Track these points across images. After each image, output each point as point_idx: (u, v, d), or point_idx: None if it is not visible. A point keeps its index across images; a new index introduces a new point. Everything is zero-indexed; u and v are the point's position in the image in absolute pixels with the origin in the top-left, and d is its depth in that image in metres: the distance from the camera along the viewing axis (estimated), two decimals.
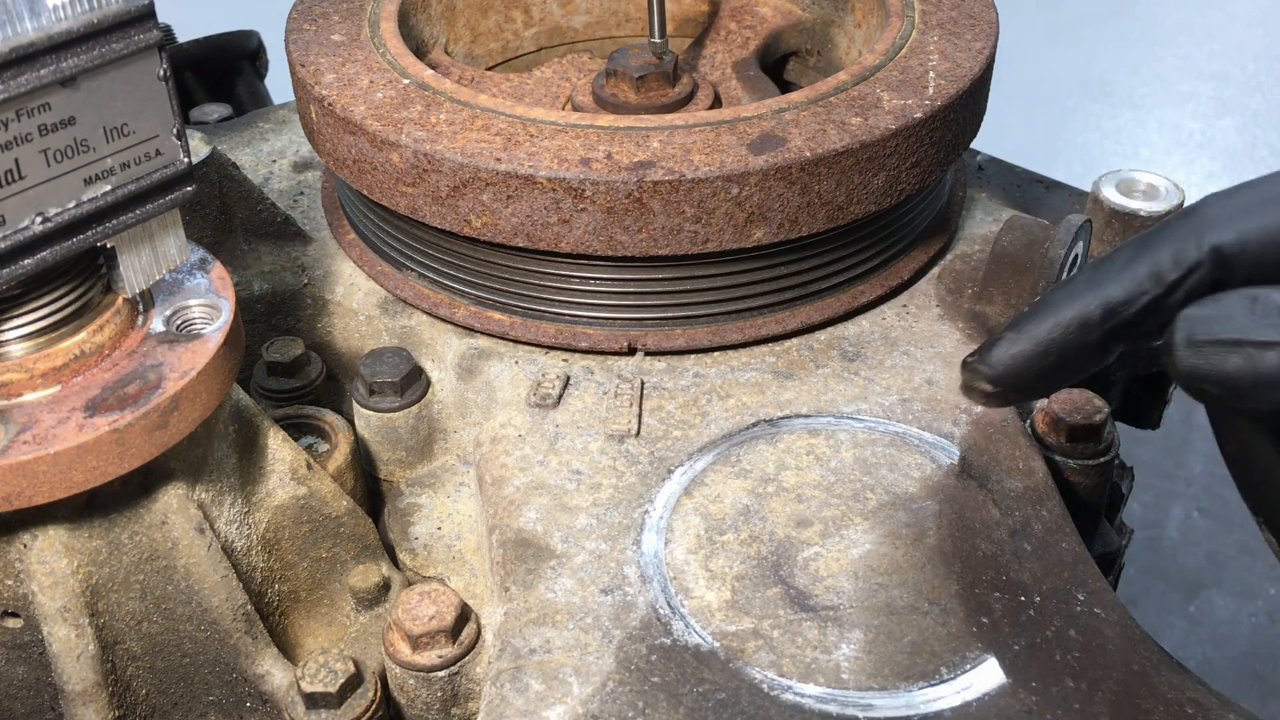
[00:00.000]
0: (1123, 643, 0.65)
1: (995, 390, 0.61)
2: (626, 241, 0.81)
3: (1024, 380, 0.60)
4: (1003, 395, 0.61)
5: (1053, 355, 0.59)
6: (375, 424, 0.86)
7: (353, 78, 0.89)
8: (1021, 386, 0.61)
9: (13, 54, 0.58)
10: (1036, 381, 0.60)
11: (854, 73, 0.88)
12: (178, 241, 0.70)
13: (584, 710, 0.63)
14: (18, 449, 0.62)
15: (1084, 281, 0.59)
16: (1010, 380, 0.60)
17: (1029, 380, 0.60)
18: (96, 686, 0.69)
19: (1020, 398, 0.62)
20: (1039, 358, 0.59)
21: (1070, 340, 0.58)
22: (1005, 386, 0.61)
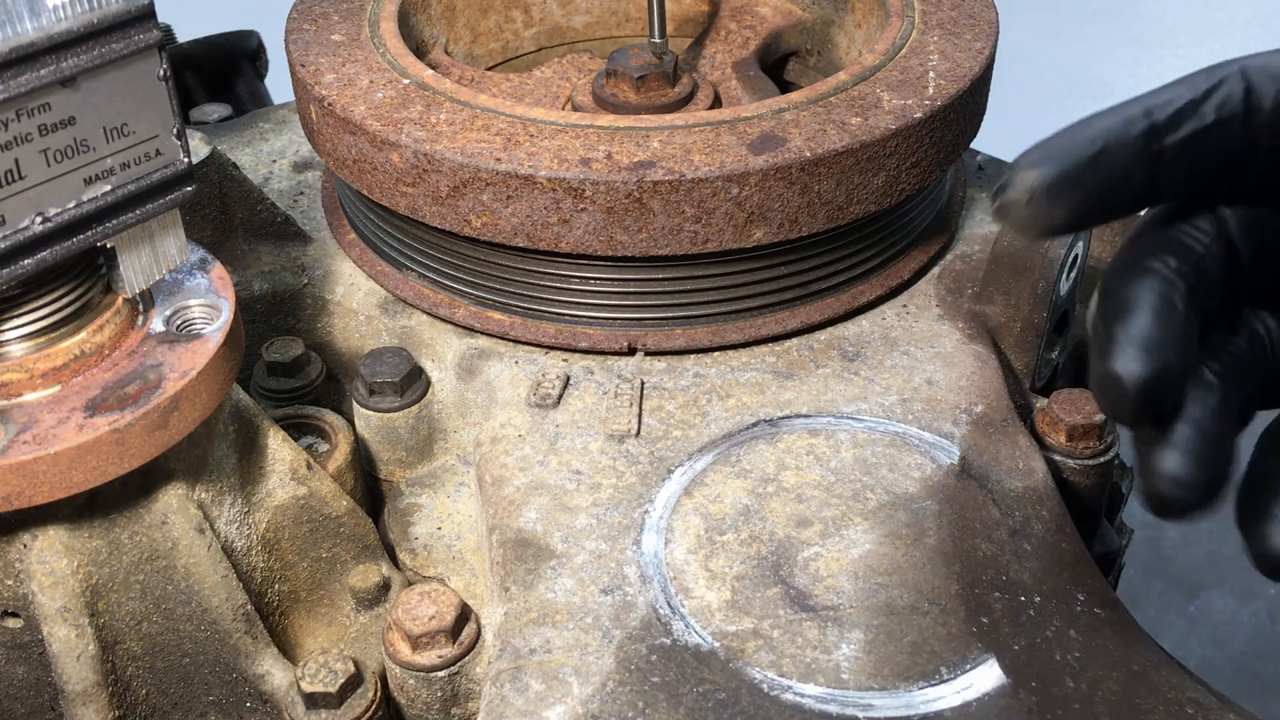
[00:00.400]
0: (1123, 643, 0.65)
1: (1033, 196, 0.58)
2: (626, 241, 0.81)
3: (1069, 179, 0.58)
4: (1043, 204, 0.58)
5: (1099, 151, 0.58)
6: (375, 424, 0.86)
7: (353, 78, 0.89)
8: (1065, 188, 0.58)
9: (13, 54, 0.58)
10: (1082, 185, 0.58)
11: (854, 73, 0.88)
12: (178, 241, 0.70)
13: (584, 710, 0.63)
14: (18, 449, 0.62)
15: (1126, 101, 0.60)
16: (1056, 180, 0.58)
17: (1074, 181, 0.58)
18: (96, 686, 0.69)
19: (1059, 209, 0.59)
20: (1088, 148, 0.58)
21: (1114, 136, 0.58)
22: (1049, 188, 0.58)
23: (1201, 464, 0.60)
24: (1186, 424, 0.61)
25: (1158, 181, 0.60)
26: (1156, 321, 0.60)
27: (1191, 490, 0.59)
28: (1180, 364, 0.60)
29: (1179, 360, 0.59)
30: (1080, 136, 0.59)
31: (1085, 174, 0.59)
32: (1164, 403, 0.61)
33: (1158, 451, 0.61)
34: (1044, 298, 0.86)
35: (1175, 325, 0.60)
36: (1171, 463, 0.60)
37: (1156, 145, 0.59)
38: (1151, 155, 0.59)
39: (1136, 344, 0.59)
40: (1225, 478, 0.62)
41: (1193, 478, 0.60)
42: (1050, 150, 0.59)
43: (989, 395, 0.82)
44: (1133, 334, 0.59)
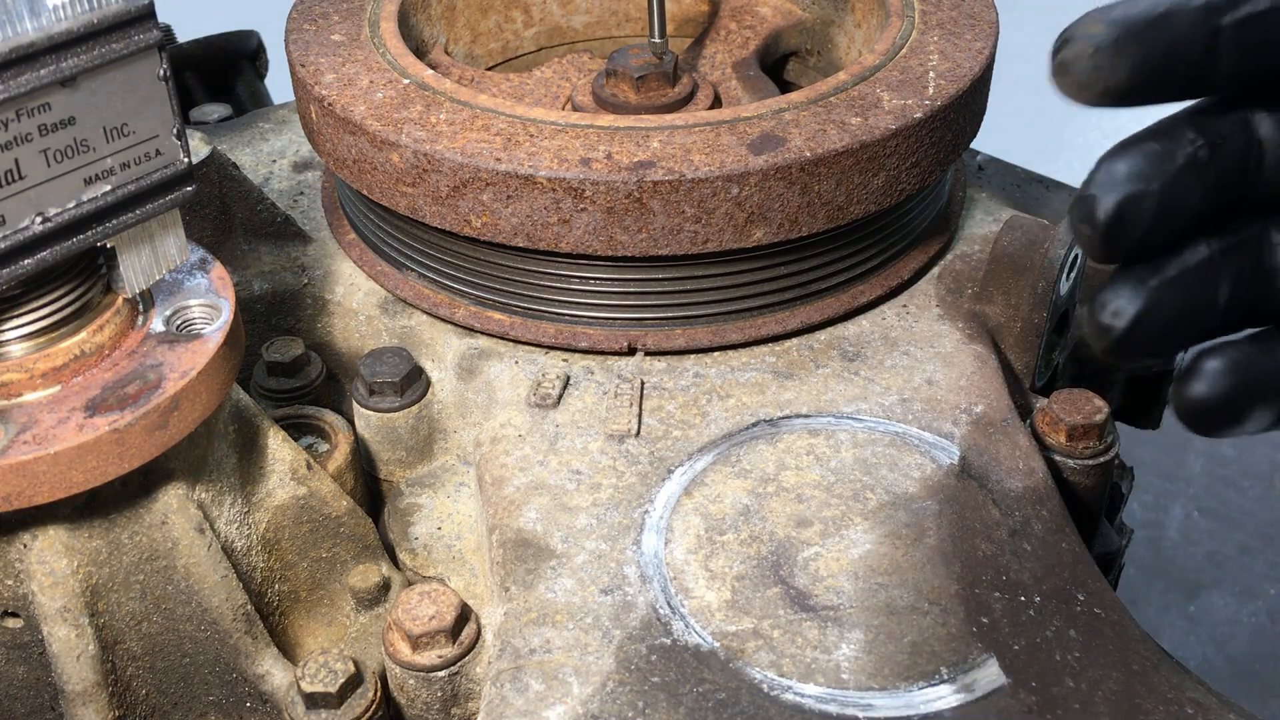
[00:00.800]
0: (1123, 643, 0.65)
1: (1098, 49, 0.57)
2: (626, 241, 0.81)
3: (1133, 33, 0.57)
4: (1106, 58, 0.58)
5: (1162, 14, 0.57)
6: (375, 424, 0.86)
7: (353, 78, 0.89)
8: (1129, 43, 0.57)
9: (13, 54, 0.58)
10: (1145, 43, 0.57)
11: (854, 73, 0.88)
12: (178, 241, 0.70)
13: (584, 710, 0.63)
14: (18, 449, 0.62)
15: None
16: (1122, 34, 0.57)
17: (1138, 36, 0.57)
18: (96, 686, 0.69)
19: (1121, 65, 0.58)
20: (1150, 10, 0.57)
21: (1176, 4, 0.58)
22: (1115, 41, 0.57)
23: (1152, 304, 0.60)
24: (1151, 268, 0.60)
25: (1215, 59, 0.59)
26: (1147, 159, 0.59)
27: (1130, 331, 0.59)
28: (1161, 205, 0.59)
29: (1161, 200, 0.59)
30: (1138, 3, 0.58)
31: (1148, 32, 0.58)
32: (1135, 240, 0.60)
33: (1112, 284, 0.60)
34: (1044, 298, 0.86)
35: (1167, 170, 0.59)
36: (1120, 300, 0.60)
37: (1215, 21, 0.58)
38: (1210, 30, 0.58)
39: (1119, 173, 0.59)
40: (1174, 336, 0.61)
41: (1135, 311, 0.60)
42: (1112, 11, 0.58)
43: (989, 395, 0.82)
44: (1117, 164, 0.59)
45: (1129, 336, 0.61)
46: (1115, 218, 0.58)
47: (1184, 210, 0.60)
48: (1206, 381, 0.61)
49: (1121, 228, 0.59)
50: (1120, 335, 0.61)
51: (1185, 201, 0.60)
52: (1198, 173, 0.60)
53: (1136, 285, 0.60)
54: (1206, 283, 0.61)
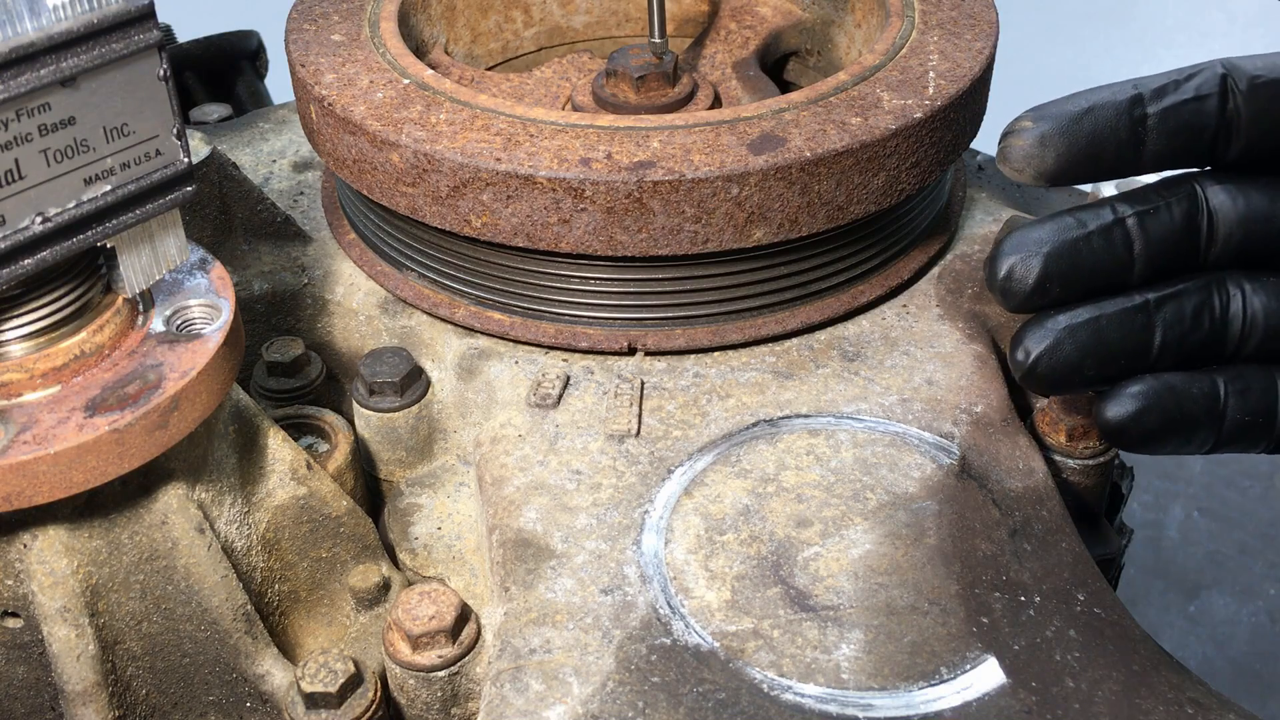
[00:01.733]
0: (1123, 643, 0.65)
1: (1026, 141, 0.69)
2: (626, 241, 0.81)
3: (1059, 128, 0.68)
4: (1034, 148, 0.69)
5: (1087, 109, 0.69)
6: (375, 424, 0.86)
7: (353, 78, 0.89)
8: (1055, 136, 0.68)
9: (13, 54, 0.58)
10: (1069, 136, 0.68)
11: (854, 73, 0.88)
12: (178, 241, 0.70)
13: (584, 710, 0.63)
14: (18, 449, 0.62)
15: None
16: (1048, 129, 0.68)
17: (1063, 131, 0.68)
18: (96, 686, 0.69)
19: (1049, 154, 0.69)
20: (1077, 106, 0.69)
21: (1103, 100, 0.69)
22: (1041, 136, 0.68)
23: (1054, 345, 0.71)
24: (1064, 313, 0.72)
25: (1141, 144, 0.69)
26: (1049, 229, 0.71)
27: (1038, 124, 0.70)
28: (1053, 266, 0.71)
29: (1052, 262, 0.71)
30: (1072, 100, 0.70)
31: (1073, 126, 0.69)
32: (1025, 297, 0.72)
33: (1026, 325, 0.73)
34: None
35: (1065, 237, 0.70)
36: (1029, 340, 0.73)
37: (1140, 111, 0.68)
38: (1135, 119, 0.68)
39: (1014, 242, 0.72)
40: (1080, 372, 0.72)
41: (1039, 351, 0.72)
42: (1044, 108, 0.70)
43: (989, 395, 0.82)
44: (1018, 235, 0.72)
45: (1033, 372, 0.72)
46: (1004, 278, 0.71)
47: (1086, 269, 0.70)
48: (1119, 403, 0.72)
49: (1010, 286, 0.71)
50: (1026, 371, 0.72)
51: (1089, 261, 0.70)
52: (1109, 238, 0.70)
53: (1044, 328, 0.71)
54: (1127, 326, 0.71)
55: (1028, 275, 0.70)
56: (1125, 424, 0.71)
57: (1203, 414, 0.72)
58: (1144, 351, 0.71)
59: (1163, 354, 0.72)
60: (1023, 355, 0.72)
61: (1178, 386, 0.72)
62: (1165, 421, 0.72)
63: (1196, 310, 0.71)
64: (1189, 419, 0.72)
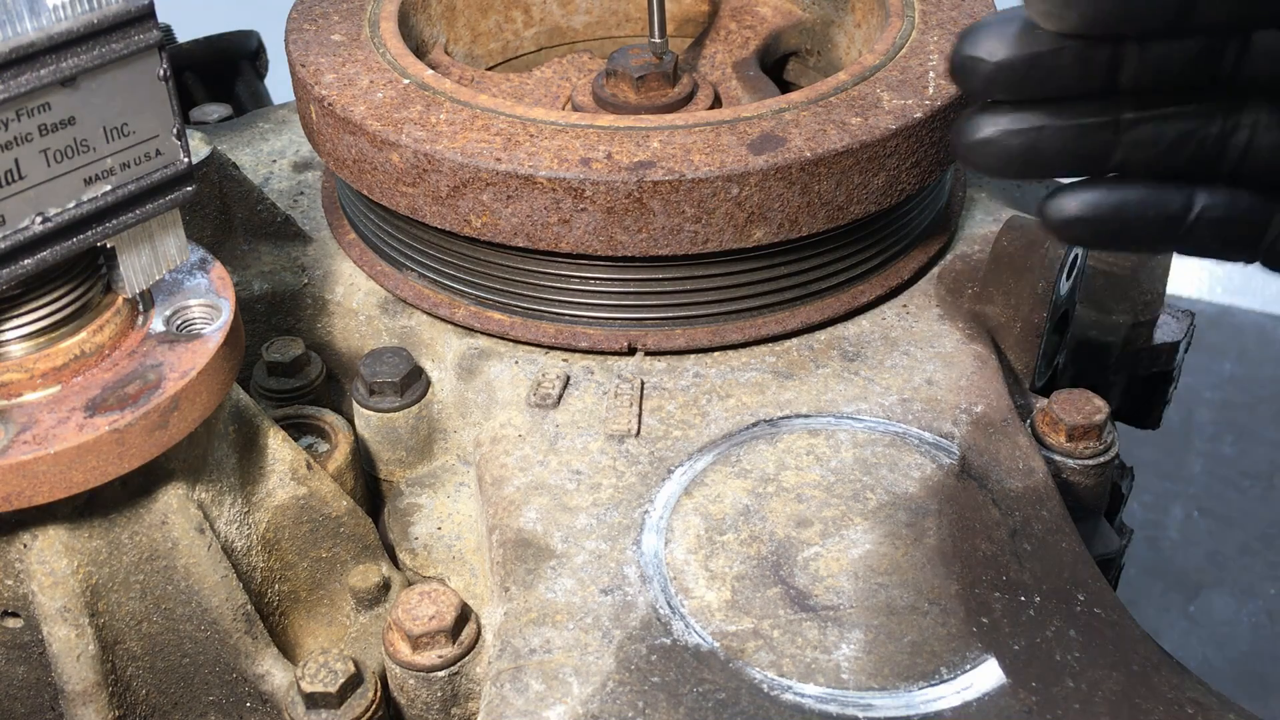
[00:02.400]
0: (1123, 643, 0.65)
1: (1059, 3, 0.56)
2: (626, 241, 0.81)
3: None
4: (1068, 7, 0.56)
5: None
6: (375, 424, 0.86)
7: (353, 78, 0.89)
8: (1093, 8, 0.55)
9: (13, 54, 0.58)
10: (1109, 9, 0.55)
11: (854, 73, 0.88)
12: (178, 241, 0.70)
13: (584, 710, 0.63)
14: (18, 449, 0.62)
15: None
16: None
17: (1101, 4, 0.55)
18: (96, 686, 0.69)
19: (1074, 16, 0.56)
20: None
21: None
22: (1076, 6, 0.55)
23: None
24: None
25: (1191, 6, 0.56)
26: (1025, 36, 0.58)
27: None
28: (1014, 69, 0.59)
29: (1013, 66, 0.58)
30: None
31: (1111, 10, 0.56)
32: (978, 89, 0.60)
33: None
34: (1044, 298, 0.86)
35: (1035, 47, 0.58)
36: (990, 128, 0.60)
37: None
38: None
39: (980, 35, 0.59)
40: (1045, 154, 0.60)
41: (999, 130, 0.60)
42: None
43: (989, 395, 0.82)
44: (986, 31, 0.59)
45: (963, 155, 0.61)
46: (956, 67, 0.59)
47: (1049, 84, 0.59)
48: (1057, 205, 0.61)
49: (959, 78, 0.59)
50: (957, 150, 0.61)
51: (1054, 79, 0.59)
52: (1085, 61, 0.58)
53: (980, 119, 0.60)
54: (1077, 142, 0.60)
55: (974, 73, 0.59)
56: (1060, 228, 0.62)
57: (1161, 231, 0.62)
58: (1093, 167, 0.62)
59: (1121, 170, 0.62)
60: (955, 134, 0.62)
61: (1131, 203, 0.62)
62: (1110, 234, 0.62)
63: (1181, 137, 0.61)
64: (1141, 234, 0.62)
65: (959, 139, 0.62)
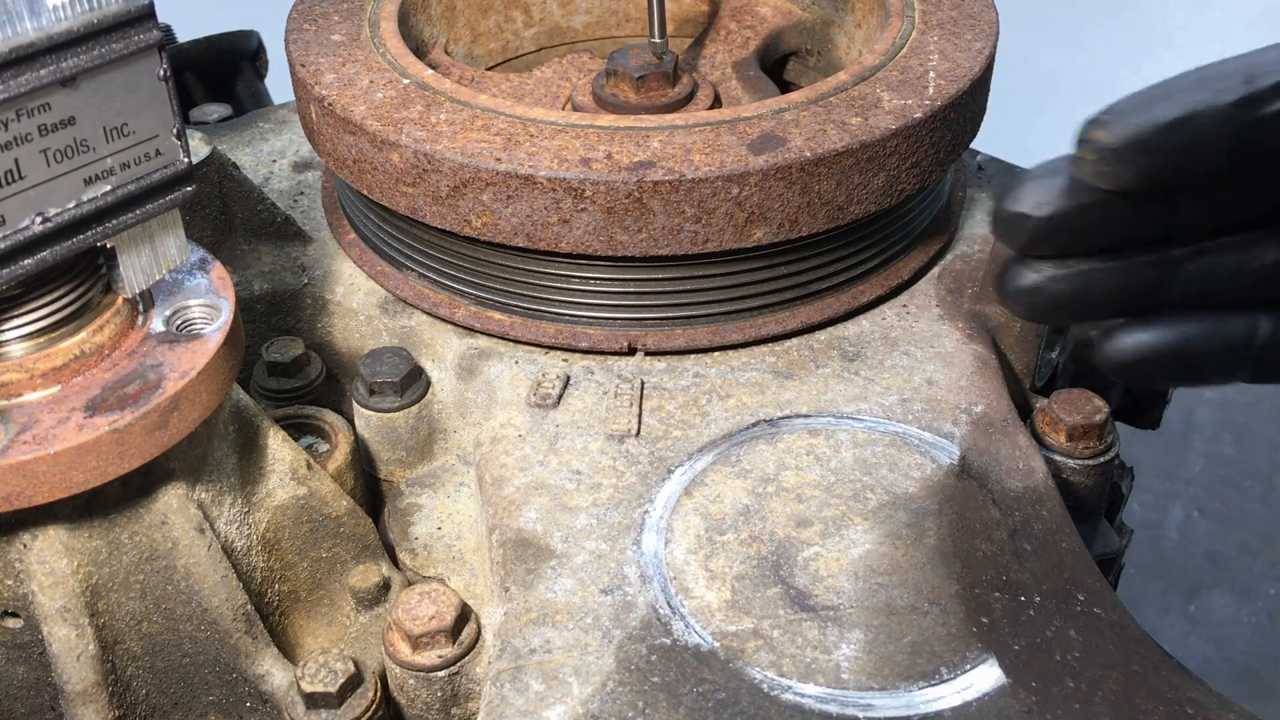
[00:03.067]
0: (1123, 643, 0.65)
1: (1101, 157, 0.54)
2: (626, 241, 0.81)
3: (1141, 144, 0.53)
4: (1110, 164, 0.54)
5: (1181, 118, 0.52)
6: (375, 424, 0.86)
7: (353, 78, 0.89)
8: (1133, 153, 0.53)
9: (13, 54, 0.58)
10: (1155, 151, 0.53)
11: (854, 73, 0.88)
12: (178, 241, 0.70)
13: (584, 710, 0.63)
14: (18, 449, 0.62)
15: (1226, 59, 0.55)
16: (1127, 145, 0.53)
17: (1145, 147, 0.53)
18: (96, 686, 0.69)
19: (1126, 171, 0.54)
20: (1168, 113, 0.53)
21: (1203, 103, 0.52)
22: (1117, 152, 0.54)
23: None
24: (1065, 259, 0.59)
25: (1252, 154, 0.54)
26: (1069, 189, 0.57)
27: (1117, 141, 0.55)
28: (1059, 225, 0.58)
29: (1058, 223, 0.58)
30: (1164, 101, 0.54)
31: (1161, 141, 0.53)
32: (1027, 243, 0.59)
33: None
34: None
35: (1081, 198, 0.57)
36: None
37: (1251, 115, 0.53)
38: (1244, 125, 0.53)
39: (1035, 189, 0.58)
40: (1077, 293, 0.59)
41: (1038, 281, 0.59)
42: (1127, 110, 0.54)
43: (989, 395, 0.82)
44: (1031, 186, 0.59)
45: (1010, 301, 0.61)
46: (998, 224, 0.60)
47: (1095, 236, 0.59)
48: (1117, 346, 0.60)
49: (1003, 233, 0.60)
50: (1002, 298, 0.61)
51: (1100, 231, 0.58)
52: (1139, 210, 0.57)
53: (1026, 268, 0.60)
54: (1130, 279, 0.59)
55: (1020, 229, 0.59)
56: (1121, 371, 0.60)
57: (1228, 362, 0.59)
58: (1146, 305, 0.60)
59: (1179, 305, 0.59)
60: (999, 287, 0.62)
61: (1193, 337, 0.59)
62: (1176, 372, 0.60)
63: (1236, 269, 0.58)
64: (1208, 367, 0.60)
65: (1003, 288, 0.61)
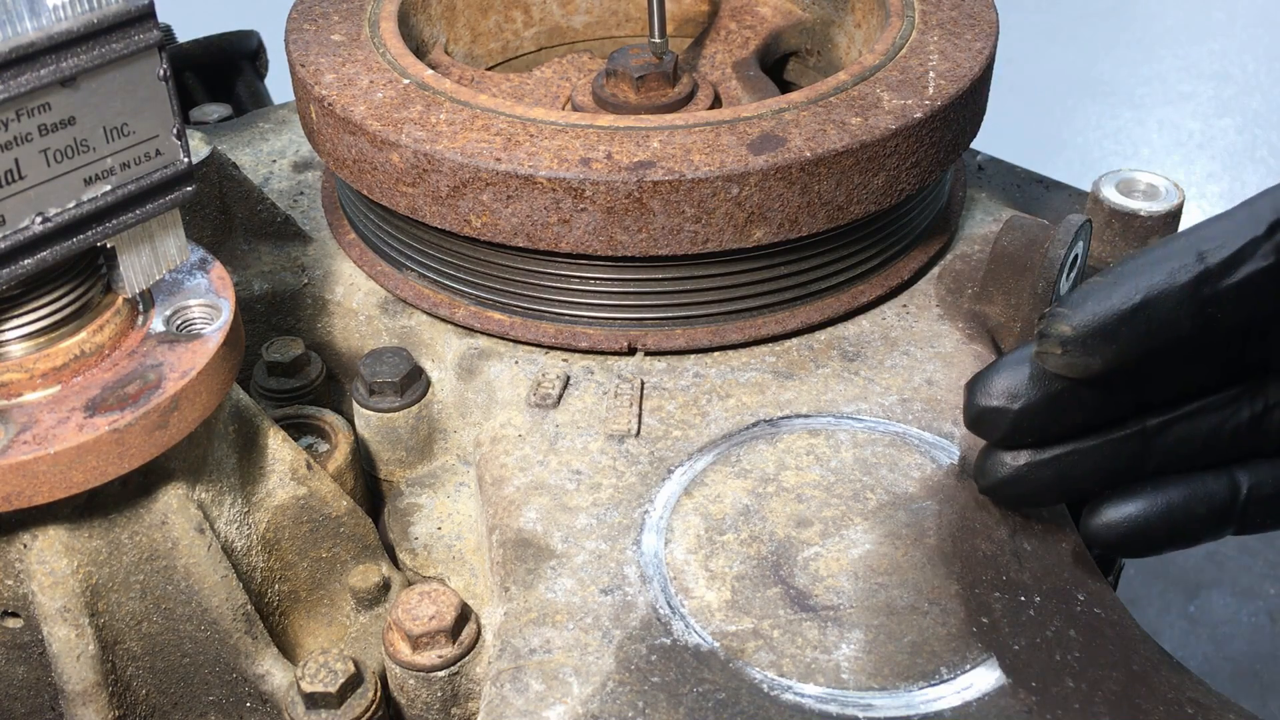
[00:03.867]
0: (1123, 643, 0.65)
1: (1065, 349, 0.57)
2: (626, 241, 0.81)
3: (1103, 333, 0.56)
4: (1077, 355, 0.57)
5: (1139, 305, 0.55)
6: (375, 424, 0.86)
7: (353, 78, 0.89)
8: (1098, 343, 0.56)
9: (13, 54, 0.58)
10: (1119, 339, 0.56)
11: (854, 73, 0.88)
12: (178, 241, 0.70)
13: (584, 710, 0.63)
14: (18, 449, 0.62)
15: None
16: (1089, 335, 0.56)
17: (1109, 335, 0.56)
18: (96, 686, 0.69)
19: (1094, 360, 0.57)
20: (1126, 300, 0.55)
21: (1158, 287, 0.55)
22: (1082, 342, 0.56)
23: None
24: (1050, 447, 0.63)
25: (1211, 328, 0.56)
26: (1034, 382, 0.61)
27: (1078, 331, 0.58)
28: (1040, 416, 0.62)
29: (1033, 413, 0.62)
30: (1119, 288, 0.56)
31: (1122, 327, 0.56)
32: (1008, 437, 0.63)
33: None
34: (1044, 298, 0.86)
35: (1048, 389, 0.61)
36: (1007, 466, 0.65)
37: (1208, 291, 0.55)
38: (1202, 301, 0.55)
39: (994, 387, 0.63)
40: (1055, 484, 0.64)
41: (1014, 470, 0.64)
42: (1085, 302, 0.57)
43: None
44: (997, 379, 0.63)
45: (992, 494, 0.66)
46: (973, 421, 0.63)
47: (1067, 423, 0.61)
48: (1103, 522, 0.64)
49: (980, 429, 0.64)
50: (983, 489, 0.67)
51: (1071, 417, 0.61)
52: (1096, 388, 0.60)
53: (1000, 461, 0.65)
54: (1108, 457, 0.63)
55: (997, 423, 0.62)
56: (1110, 546, 0.63)
57: (1212, 523, 0.62)
58: (1128, 478, 0.62)
59: (1159, 472, 0.62)
60: (979, 479, 0.66)
61: (1176, 504, 0.61)
62: (1163, 540, 0.62)
63: (1213, 431, 0.60)
64: (1195, 530, 0.62)
65: (983, 479, 0.64)
